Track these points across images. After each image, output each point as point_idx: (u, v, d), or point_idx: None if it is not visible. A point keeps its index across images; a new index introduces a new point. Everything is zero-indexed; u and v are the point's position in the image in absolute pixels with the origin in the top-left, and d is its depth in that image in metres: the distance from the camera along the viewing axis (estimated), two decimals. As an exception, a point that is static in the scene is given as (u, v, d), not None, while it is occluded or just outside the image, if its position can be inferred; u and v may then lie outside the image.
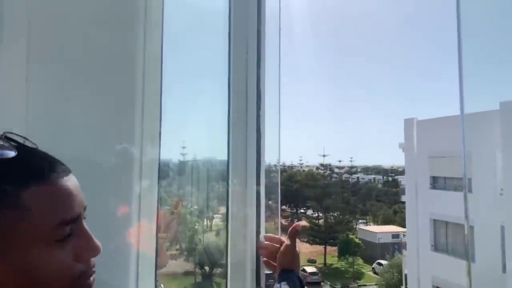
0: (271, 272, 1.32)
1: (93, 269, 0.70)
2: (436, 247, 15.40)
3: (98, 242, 0.70)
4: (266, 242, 1.37)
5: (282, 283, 1.18)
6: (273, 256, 1.30)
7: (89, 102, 1.11)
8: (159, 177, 1.26)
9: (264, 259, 1.37)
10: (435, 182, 15.59)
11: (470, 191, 13.97)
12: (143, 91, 1.16)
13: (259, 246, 1.36)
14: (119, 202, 1.12)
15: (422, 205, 15.75)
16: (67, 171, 0.68)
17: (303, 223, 35.89)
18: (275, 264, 1.28)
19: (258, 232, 1.35)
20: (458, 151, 14.15)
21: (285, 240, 1.32)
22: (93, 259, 0.70)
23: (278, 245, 1.31)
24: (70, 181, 0.67)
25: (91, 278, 0.69)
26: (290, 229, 1.32)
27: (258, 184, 1.32)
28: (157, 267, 1.29)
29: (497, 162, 12.70)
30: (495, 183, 12.84)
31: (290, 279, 1.18)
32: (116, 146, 1.13)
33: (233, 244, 1.33)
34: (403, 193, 18.80)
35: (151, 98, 1.18)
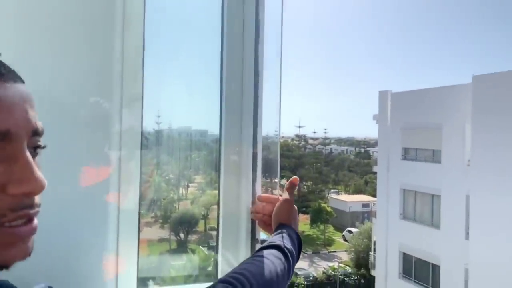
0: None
1: (33, 211, 0.51)
2: (404, 216, 15.98)
3: (41, 176, 0.51)
4: (260, 203, 1.26)
5: (276, 235, 1.05)
6: (269, 218, 1.18)
7: (65, 54, 1.06)
8: (142, 139, 1.23)
9: (260, 222, 1.25)
10: (407, 153, 16.01)
11: (439, 161, 14.44)
12: (122, 49, 1.11)
13: (254, 208, 1.26)
14: (96, 160, 1.09)
15: (393, 175, 16.21)
16: (14, 78, 0.51)
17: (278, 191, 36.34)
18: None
19: (254, 195, 1.28)
20: (429, 123, 14.51)
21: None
22: (37, 198, 0.52)
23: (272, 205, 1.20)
24: (13, 89, 0.50)
25: (30, 223, 0.51)
26: (287, 183, 1.20)
27: (254, 147, 1.28)
28: (139, 230, 1.28)
29: (466, 134, 13.11)
30: (463, 155, 13.29)
31: (286, 232, 1.05)
32: (94, 101, 1.10)
33: (226, 203, 1.29)
34: (375, 164, 19.26)
35: (132, 58, 1.13)
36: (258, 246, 1.23)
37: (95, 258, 1.09)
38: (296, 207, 1.18)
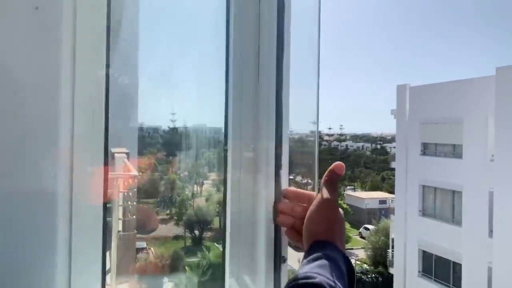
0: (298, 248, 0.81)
1: None
2: (424, 212, 15.61)
3: None
4: (287, 202, 0.87)
5: (313, 261, 0.65)
6: (301, 223, 0.79)
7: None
8: (107, 111, 0.95)
9: (286, 229, 0.85)
10: (426, 149, 15.62)
11: (460, 157, 14.02)
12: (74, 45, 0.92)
13: (278, 208, 0.87)
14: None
15: (412, 171, 15.83)
16: None
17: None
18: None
19: (277, 195, 0.96)
20: (449, 118, 14.11)
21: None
22: None
23: (306, 205, 0.82)
24: None
25: None
26: (326, 173, 0.84)
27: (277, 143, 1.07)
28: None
29: (489, 128, 12.68)
30: (485, 149, 12.86)
31: (329, 257, 0.66)
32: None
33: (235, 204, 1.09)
34: (392, 160, 18.88)
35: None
36: (284, 267, 0.89)
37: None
38: (342, 211, 0.80)
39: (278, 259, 0.90)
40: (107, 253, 4.07)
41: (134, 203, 3.98)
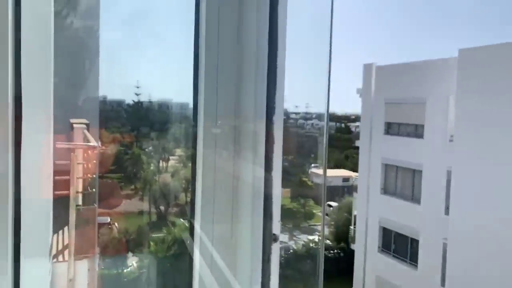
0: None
1: None
2: (385, 190, 16.06)
3: None
4: None
5: None
6: None
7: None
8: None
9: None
10: (389, 128, 15.95)
11: (421, 137, 14.42)
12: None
13: None
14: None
15: (375, 149, 16.18)
16: None
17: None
18: None
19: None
20: (413, 98, 14.41)
21: None
22: None
23: None
24: None
25: None
26: None
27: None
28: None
29: (449, 109, 13.05)
30: (446, 130, 13.27)
31: None
32: None
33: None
34: (356, 139, 19.23)
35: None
36: (275, 247, 0.81)
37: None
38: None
39: (268, 238, 0.81)
40: (65, 228, 3.91)
41: (94, 175, 3.81)
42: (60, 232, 4.34)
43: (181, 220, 25.58)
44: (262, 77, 0.93)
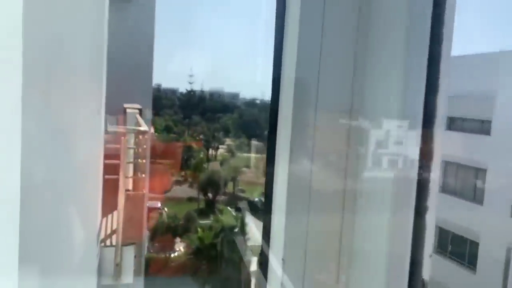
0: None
1: None
2: (444, 189, 15.22)
3: None
4: None
5: None
6: None
7: None
8: None
9: None
10: (452, 123, 15.07)
11: (488, 133, 13.45)
12: None
13: None
14: None
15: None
16: None
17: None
18: None
19: None
20: (481, 91, 13.48)
21: None
22: None
23: None
24: None
25: None
26: None
27: None
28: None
29: (521, 104, 12.05)
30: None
31: None
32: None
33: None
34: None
35: None
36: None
37: None
38: None
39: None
40: (114, 213, 3.79)
41: (144, 161, 3.71)
42: (110, 216, 4.31)
43: (228, 208, 25.83)
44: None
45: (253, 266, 14.16)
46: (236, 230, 18.08)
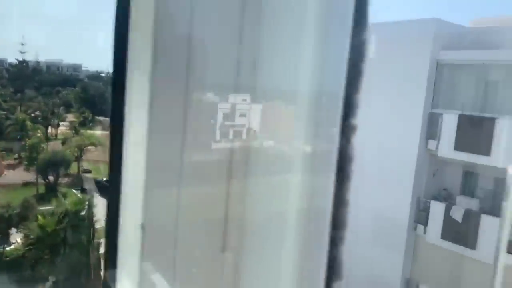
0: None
1: None
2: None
3: None
4: None
5: None
6: None
7: None
8: None
9: None
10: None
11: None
12: None
13: None
14: None
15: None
16: None
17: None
18: None
19: None
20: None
21: None
22: None
23: None
24: None
25: None
26: None
27: None
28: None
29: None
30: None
31: None
32: None
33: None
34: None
35: None
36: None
37: None
38: None
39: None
40: None
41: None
42: None
43: (73, 191, 23.86)
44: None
45: (103, 248, 13.61)
46: (83, 213, 16.89)
